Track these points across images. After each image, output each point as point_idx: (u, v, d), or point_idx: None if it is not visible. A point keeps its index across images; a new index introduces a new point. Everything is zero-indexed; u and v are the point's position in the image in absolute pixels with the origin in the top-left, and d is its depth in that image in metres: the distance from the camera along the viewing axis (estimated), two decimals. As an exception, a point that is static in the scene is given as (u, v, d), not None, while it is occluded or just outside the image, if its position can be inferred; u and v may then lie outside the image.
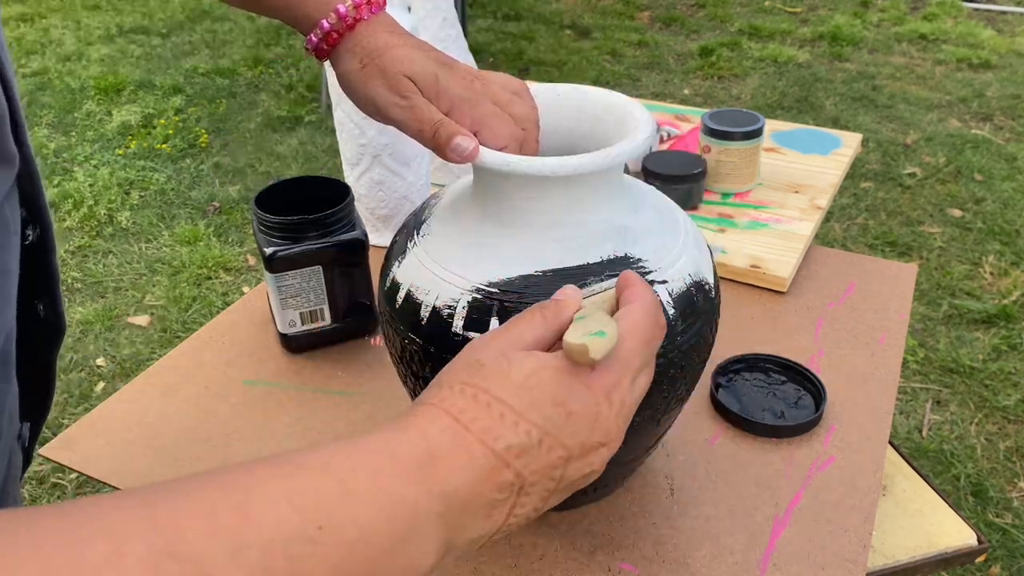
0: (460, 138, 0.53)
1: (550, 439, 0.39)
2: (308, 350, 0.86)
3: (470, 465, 0.37)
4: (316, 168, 2.88)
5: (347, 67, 0.58)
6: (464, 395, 0.39)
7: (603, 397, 0.40)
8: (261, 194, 0.84)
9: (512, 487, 0.38)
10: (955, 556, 0.85)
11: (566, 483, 0.41)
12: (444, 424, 0.37)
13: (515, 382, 0.39)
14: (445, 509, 0.36)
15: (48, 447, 0.75)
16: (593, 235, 0.54)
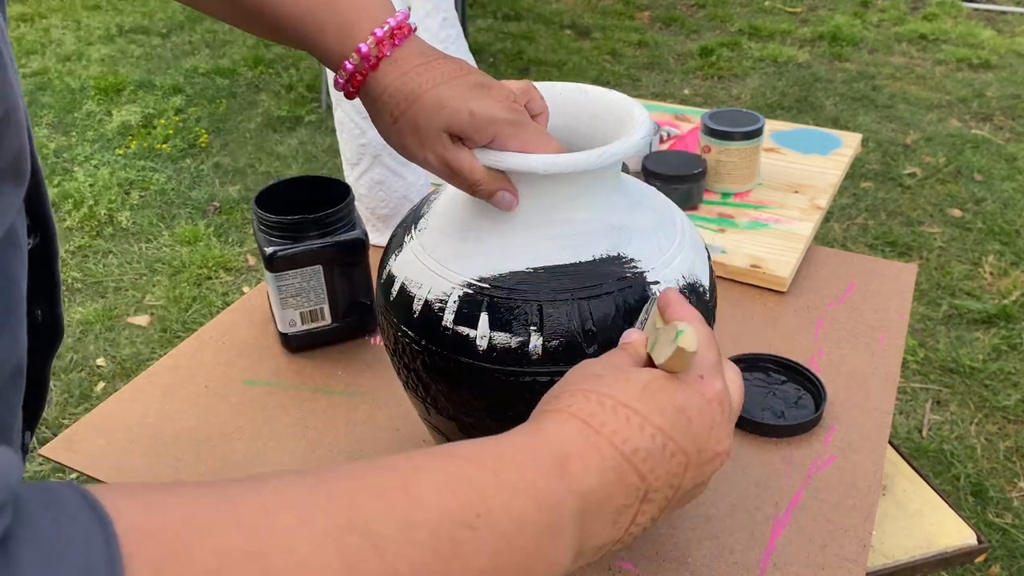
0: (503, 193, 0.53)
1: (673, 444, 0.40)
2: (308, 350, 0.86)
3: (602, 466, 0.38)
4: (316, 168, 2.88)
5: (379, 120, 0.55)
6: (589, 400, 0.40)
7: (716, 404, 0.42)
8: (261, 194, 0.84)
9: (638, 492, 0.39)
10: (955, 556, 0.85)
11: (682, 492, 0.41)
12: (575, 427, 0.38)
13: (637, 388, 0.40)
14: (582, 508, 0.37)
15: (48, 447, 0.75)
16: (587, 233, 0.54)
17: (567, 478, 0.36)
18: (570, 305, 0.52)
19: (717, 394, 0.42)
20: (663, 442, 0.39)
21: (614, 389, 0.40)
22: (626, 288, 0.53)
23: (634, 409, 0.39)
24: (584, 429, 0.38)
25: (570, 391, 0.41)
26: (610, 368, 0.42)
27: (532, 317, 0.52)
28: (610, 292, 0.52)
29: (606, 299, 0.52)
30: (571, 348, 0.52)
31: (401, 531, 0.30)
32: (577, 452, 0.37)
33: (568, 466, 0.37)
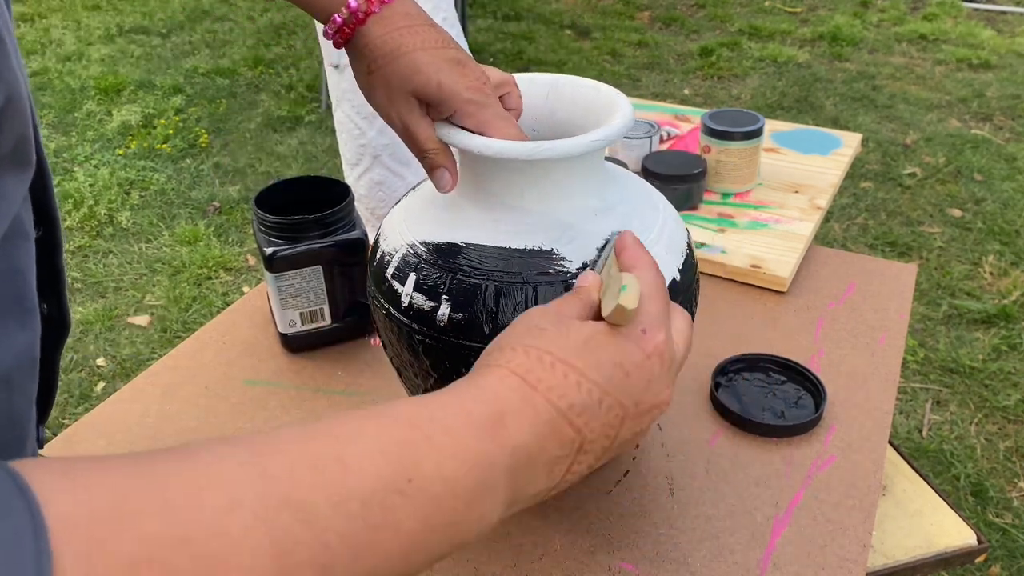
0: (441, 170, 0.56)
1: (610, 398, 0.41)
2: (308, 350, 0.86)
3: (537, 422, 0.39)
4: (316, 168, 2.88)
5: (356, 68, 0.58)
6: (529, 356, 0.41)
7: (656, 357, 0.43)
8: (261, 194, 0.84)
9: (573, 444, 0.40)
10: (955, 556, 0.85)
11: (619, 442, 0.43)
12: (512, 383, 0.40)
13: (576, 344, 0.41)
14: (513, 463, 0.38)
15: (48, 447, 0.75)
16: (529, 224, 0.56)
17: (501, 436, 0.37)
18: (484, 285, 0.54)
19: (656, 347, 0.43)
20: (600, 397, 0.40)
21: (554, 345, 0.41)
22: (543, 284, 0.54)
23: (572, 365, 0.40)
24: (521, 386, 0.39)
25: (511, 345, 0.42)
26: (554, 321, 0.43)
27: (447, 286, 0.55)
28: (525, 283, 0.54)
29: (519, 288, 0.54)
30: (472, 324, 0.54)
31: (333, 504, 0.31)
32: (512, 409, 0.38)
33: (502, 424, 0.38)
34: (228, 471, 0.30)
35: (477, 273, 0.55)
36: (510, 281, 0.54)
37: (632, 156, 1.12)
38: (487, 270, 0.55)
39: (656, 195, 0.63)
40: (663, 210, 0.61)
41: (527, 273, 0.54)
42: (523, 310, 0.53)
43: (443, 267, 0.56)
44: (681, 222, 0.63)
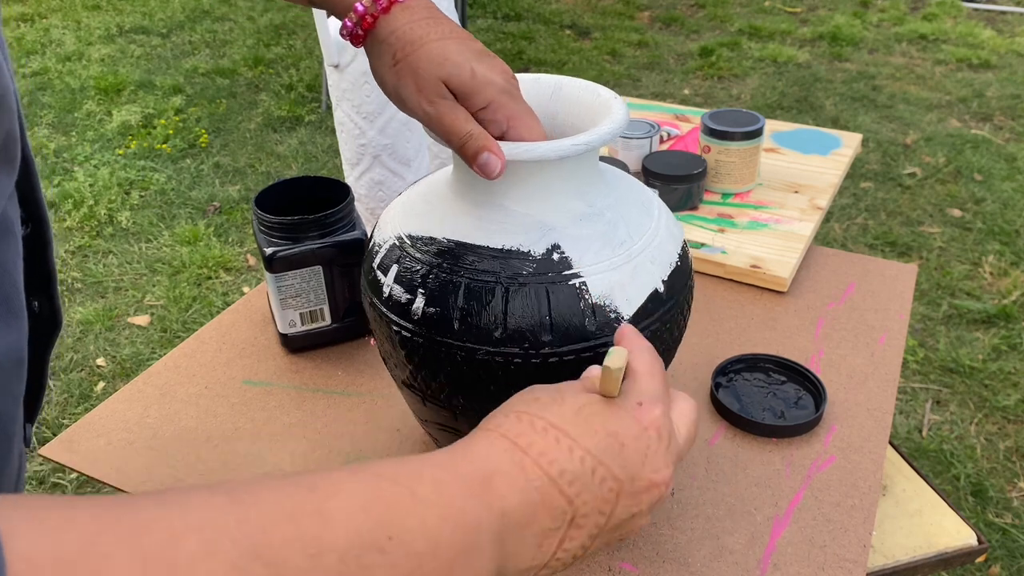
0: (487, 154, 0.51)
1: (603, 469, 0.39)
2: (308, 350, 0.86)
3: (527, 487, 0.37)
4: (316, 168, 2.88)
5: (379, 61, 0.55)
6: (521, 421, 0.40)
7: (653, 431, 0.41)
8: (261, 194, 0.84)
9: (564, 516, 0.38)
10: (955, 556, 0.85)
11: (615, 521, 0.41)
12: (503, 447, 0.38)
13: (570, 411, 0.40)
14: (502, 528, 0.36)
15: (48, 447, 0.75)
16: (510, 223, 0.56)
17: (488, 497, 0.36)
18: (456, 281, 0.54)
19: (654, 421, 0.41)
20: (592, 466, 0.39)
21: (548, 411, 0.40)
22: (515, 285, 0.53)
23: (564, 431, 0.39)
24: (511, 448, 0.38)
25: (505, 412, 0.41)
26: (550, 392, 0.42)
27: (423, 280, 0.56)
28: (497, 282, 0.54)
29: (488, 288, 0.54)
30: (444, 320, 0.54)
31: (309, 557, 0.30)
32: (501, 471, 0.37)
33: (490, 485, 0.36)
34: (206, 518, 0.29)
35: (452, 269, 0.55)
36: (482, 280, 0.54)
37: (632, 156, 1.12)
38: (462, 267, 0.55)
39: (653, 202, 0.61)
40: (657, 217, 0.59)
41: (500, 273, 0.54)
42: (489, 309, 0.53)
43: (422, 261, 0.56)
44: (677, 231, 0.61)
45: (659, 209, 0.61)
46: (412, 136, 0.96)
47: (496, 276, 0.54)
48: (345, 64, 0.90)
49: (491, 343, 0.53)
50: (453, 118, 0.52)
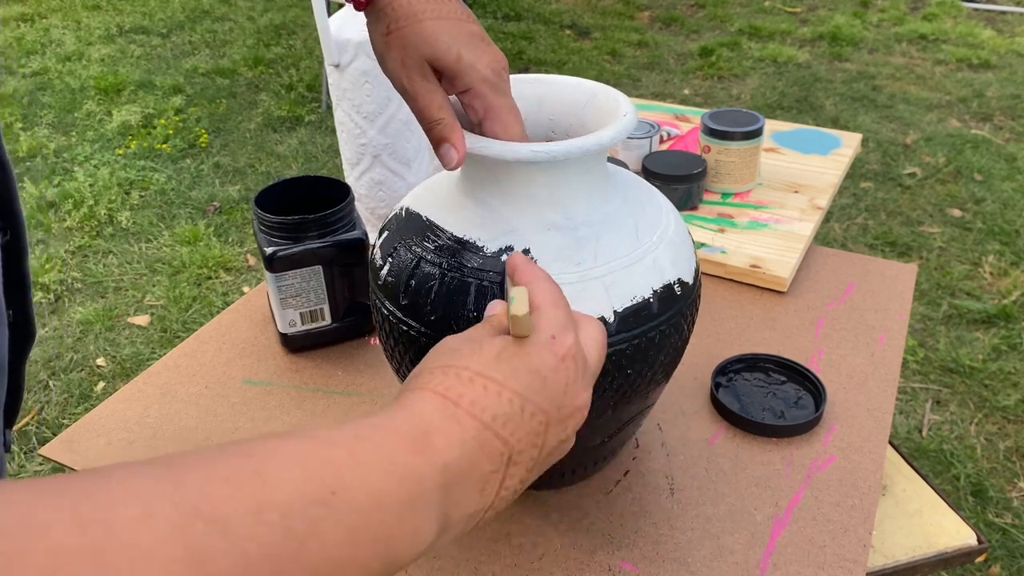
0: (447, 146, 0.53)
1: (531, 405, 0.41)
2: (308, 350, 0.86)
3: (464, 437, 0.38)
4: (316, 168, 2.88)
5: (374, 27, 0.56)
6: (447, 375, 0.41)
7: (569, 360, 0.43)
8: (261, 194, 0.84)
9: (502, 457, 0.39)
10: (955, 556, 0.85)
11: (547, 451, 0.42)
12: (434, 402, 0.39)
13: (491, 357, 0.41)
14: (444, 481, 0.37)
15: (48, 447, 0.75)
16: (487, 220, 0.56)
17: (428, 453, 0.37)
18: (411, 259, 0.56)
19: (568, 350, 0.43)
20: (521, 405, 0.40)
21: (470, 361, 0.41)
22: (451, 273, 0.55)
23: (490, 377, 0.40)
24: (443, 403, 0.39)
25: (429, 368, 0.42)
26: (466, 341, 0.43)
27: (392, 252, 0.58)
28: (439, 267, 0.55)
29: (433, 271, 0.55)
30: (415, 307, 0.56)
31: (251, 513, 0.30)
32: (437, 426, 0.38)
33: (429, 440, 0.37)
34: (141, 485, 0.29)
35: (414, 246, 0.57)
36: (430, 261, 0.56)
37: (632, 156, 1.12)
38: (421, 246, 0.57)
39: (646, 222, 0.58)
40: (645, 238, 0.56)
41: (447, 260, 0.55)
42: (429, 291, 0.55)
43: (400, 233, 0.59)
44: (674, 250, 0.58)
45: (650, 231, 0.57)
46: (412, 136, 0.96)
47: (441, 263, 0.55)
48: (345, 64, 0.90)
49: (425, 324, 0.55)
50: (428, 101, 0.53)
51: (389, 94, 0.92)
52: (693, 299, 0.59)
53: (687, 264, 0.58)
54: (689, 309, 0.58)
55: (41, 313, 2.16)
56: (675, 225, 0.60)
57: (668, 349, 0.57)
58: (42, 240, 2.48)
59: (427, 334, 0.55)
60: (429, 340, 0.55)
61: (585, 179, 0.56)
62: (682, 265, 0.58)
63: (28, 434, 1.78)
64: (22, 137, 3.09)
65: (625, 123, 0.55)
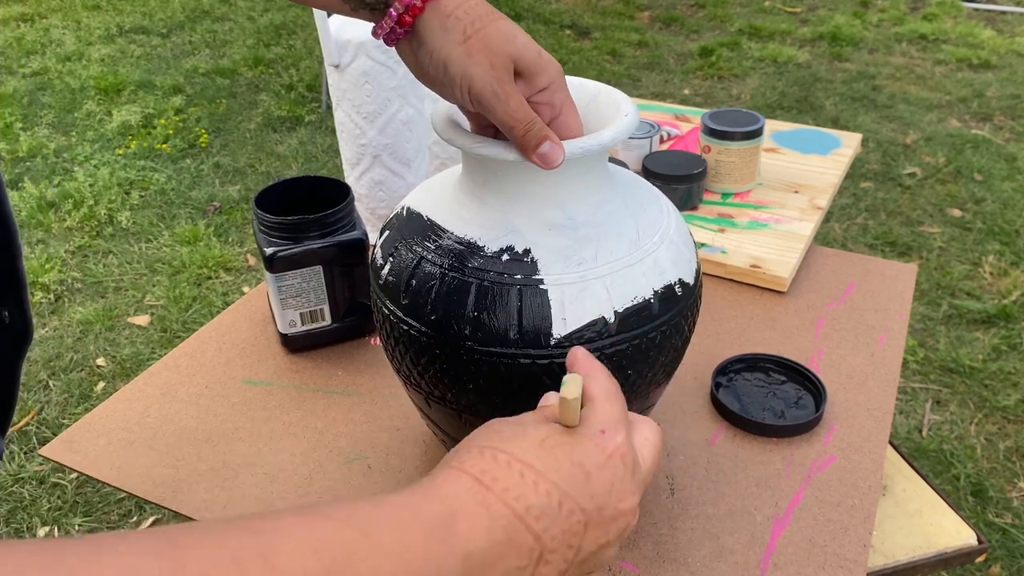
0: (549, 144, 0.50)
1: (570, 501, 0.38)
2: (308, 350, 0.86)
3: (492, 526, 0.35)
4: (316, 168, 2.88)
5: (443, 41, 0.50)
6: (484, 456, 0.38)
7: (618, 458, 0.40)
8: (261, 194, 0.84)
9: (532, 553, 0.37)
10: (955, 556, 0.85)
11: (584, 553, 0.39)
12: (465, 485, 0.37)
13: (533, 444, 0.39)
14: (466, 571, 0.34)
15: (48, 447, 0.75)
16: (483, 219, 0.56)
17: (451, 539, 0.34)
18: (411, 259, 0.57)
19: (618, 448, 0.40)
20: (559, 499, 0.37)
21: (510, 444, 0.39)
22: (451, 273, 0.55)
23: (529, 464, 0.38)
24: (474, 485, 0.36)
25: (467, 447, 0.40)
26: (512, 424, 0.41)
27: (392, 251, 0.58)
28: (439, 267, 0.55)
29: (432, 270, 0.55)
30: (415, 307, 0.56)
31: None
32: (465, 510, 0.35)
33: (454, 526, 0.34)
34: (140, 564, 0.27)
35: (415, 246, 0.57)
36: (431, 261, 0.56)
37: (632, 156, 1.12)
38: (422, 246, 0.57)
39: (647, 222, 0.57)
40: (646, 238, 0.56)
41: (447, 260, 0.55)
42: (430, 291, 0.54)
43: (401, 233, 0.59)
44: (675, 251, 0.57)
45: (650, 233, 0.57)
46: (412, 136, 0.96)
47: (440, 262, 0.55)
48: (345, 64, 0.90)
49: (425, 324, 0.55)
50: (519, 102, 0.50)
51: (389, 94, 0.92)
52: (694, 300, 0.59)
53: (688, 265, 0.58)
54: (690, 310, 0.58)
55: (41, 313, 2.16)
56: (676, 225, 0.60)
57: (669, 350, 0.57)
58: (42, 240, 2.48)
59: (427, 334, 0.55)
60: (429, 340, 0.55)
61: (586, 179, 0.56)
62: (683, 266, 0.58)
63: (28, 434, 1.78)
64: (22, 137, 3.09)
65: (626, 123, 0.55)
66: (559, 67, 0.52)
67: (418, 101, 0.95)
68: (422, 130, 0.97)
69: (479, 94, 0.50)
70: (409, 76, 0.92)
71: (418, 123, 0.96)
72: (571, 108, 0.54)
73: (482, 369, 0.54)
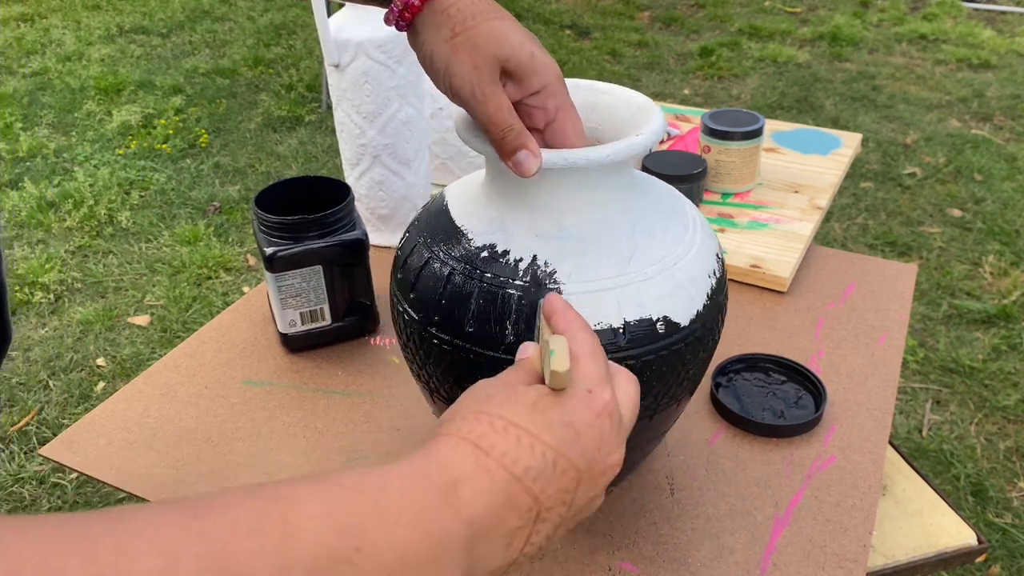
0: (524, 152, 0.50)
1: (564, 460, 0.39)
2: (308, 350, 0.86)
3: (493, 490, 0.37)
4: (316, 168, 2.88)
5: (433, 36, 0.51)
6: (480, 422, 0.39)
7: (606, 417, 0.41)
8: (261, 194, 0.84)
9: (530, 513, 0.38)
10: (955, 556, 0.85)
11: (575, 509, 0.41)
12: (465, 451, 0.38)
13: (526, 407, 0.40)
14: (470, 535, 0.36)
15: (48, 447, 0.75)
16: (484, 217, 0.56)
17: (457, 504, 0.36)
18: (417, 249, 0.58)
19: (605, 406, 0.41)
20: (554, 459, 0.39)
21: (504, 409, 0.40)
22: (435, 260, 0.56)
23: (524, 428, 0.39)
24: (474, 451, 0.38)
25: (462, 414, 0.41)
26: (501, 388, 0.42)
27: (410, 239, 0.59)
28: (431, 254, 0.56)
29: (428, 257, 0.56)
30: (405, 281, 0.58)
31: (275, 570, 0.29)
32: (467, 476, 0.37)
33: (457, 492, 0.36)
34: (164, 533, 0.28)
35: (433, 245, 0.57)
36: (428, 252, 0.57)
37: (632, 156, 1.11)
38: (429, 241, 0.57)
39: (648, 244, 0.55)
40: (640, 258, 0.54)
41: (441, 249, 0.56)
42: (436, 288, 0.55)
43: (422, 230, 0.59)
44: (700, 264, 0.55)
45: (651, 256, 0.54)
46: (412, 136, 0.96)
47: (435, 252, 0.56)
48: (345, 64, 0.90)
49: (431, 324, 0.55)
50: (498, 105, 0.50)
51: (389, 94, 0.92)
52: (719, 309, 0.57)
53: (713, 275, 0.56)
54: (715, 320, 0.57)
55: (41, 313, 2.16)
56: (702, 238, 0.57)
57: (696, 361, 0.56)
58: (42, 240, 2.48)
59: (432, 335, 0.55)
60: (435, 331, 0.55)
61: (588, 192, 0.55)
62: (704, 278, 0.56)
63: (28, 434, 1.78)
64: (22, 137, 3.09)
65: (632, 143, 0.52)
66: (557, 71, 0.52)
67: (418, 101, 0.95)
68: (422, 130, 0.97)
69: (458, 92, 0.51)
70: (409, 76, 0.92)
71: (418, 123, 0.96)
72: (568, 113, 0.53)
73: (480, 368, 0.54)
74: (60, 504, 1.62)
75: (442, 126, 1.08)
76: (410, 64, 0.92)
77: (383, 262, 0.93)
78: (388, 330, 0.89)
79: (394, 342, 0.87)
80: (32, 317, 2.15)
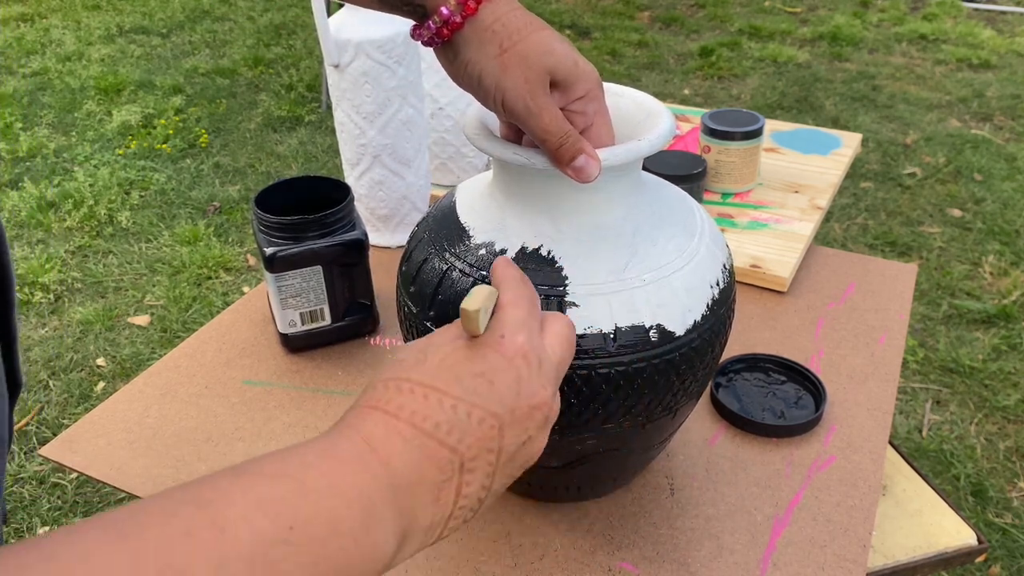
0: (584, 157, 0.50)
1: (478, 410, 0.40)
2: (308, 350, 0.86)
3: (404, 448, 0.38)
4: (316, 168, 2.88)
5: (479, 55, 0.51)
6: (388, 388, 0.40)
7: (520, 359, 0.42)
8: (261, 194, 0.84)
9: (452, 465, 0.39)
10: (955, 556, 0.85)
11: (507, 455, 0.41)
12: (376, 419, 0.39)
13: (433, 365, 0.41)
14: (393, 495, 0.36)
15: (48, 447, 0.75)
16: (486, 216, 0.57)
17: (374, 467, 0.36)
18: (419, 246, 0.58)
19: (518, 349, 0.42)
20: (467, 411, 0.40)
21: (411, 372, 0.41)
22: (433, 256, 0.56)
23: (431, 386, 0.40)
24: (383, 417, 0.39)
25: (373, 384, 0.41)
26: (414, 351, 0.43)
27: (417, 244, 0.59)
28: (430, 250, 0.57)
29: (431, 255, 0.57)
30: (407, 276, 0.59)
31: (215, 568, 0.30)
32: (380, 440, 0.37)
33: (372, 457, 0.37)
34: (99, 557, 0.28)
35: (433, 239, 0.58)
36: (431, 247, 0.57)
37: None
38: (433, 237, 0.58)
39: (648, 251, 0.54)
40: (637, 264, 0.53)
41: (443, 245, 0.57)
42: (428, 274, 0.56)
43: (429, 229, 0.59)
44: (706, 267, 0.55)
45: (648, 269, 0.54)
46: (412, 136, 0.96)
47: (437, 251, 0.57)
48: (345, 64, 0.90)
49: (427, 318, 0.56)
50: (553, 115, 0.50)
51: (389, 94, 0.92)
52: (721, 322, 0.56)
53: (715, 285, 0.56)
54: (715, 333, 0.56)
55: (41, 313, 2.16)
56: (708, 248, 0.57)
57: (692, 372, 0.56)
58: (42, 240, 2.48)
59: (426, 328, 0.56)
60: (431, 326, 0.56)
61: (617, 187, 0.55)
62: (705, 288, 0.55)
63: (28, 434, 1.78)
64: (22, 137, 3.09)
65: (661, 132, 0.53)
66: (597, 76, 0.52)
67: (418, 101, 0.95)
68: (422, 130, 0.97)
69: (512, 108, 0.50)
70: (409, 76, 0.92)
71: (418, 123, 0.96)
72: (604, 117, 0.54)
73: None
74: (60, 504, 1.62)
75: (442, 126, 1.08)
76: (410, 64, 0.92)
77: (383, 262, 0.93)
78: (388, 330, 0.89)
79: (394, 342, 0.87)
80: (32, 317, 2.15)
